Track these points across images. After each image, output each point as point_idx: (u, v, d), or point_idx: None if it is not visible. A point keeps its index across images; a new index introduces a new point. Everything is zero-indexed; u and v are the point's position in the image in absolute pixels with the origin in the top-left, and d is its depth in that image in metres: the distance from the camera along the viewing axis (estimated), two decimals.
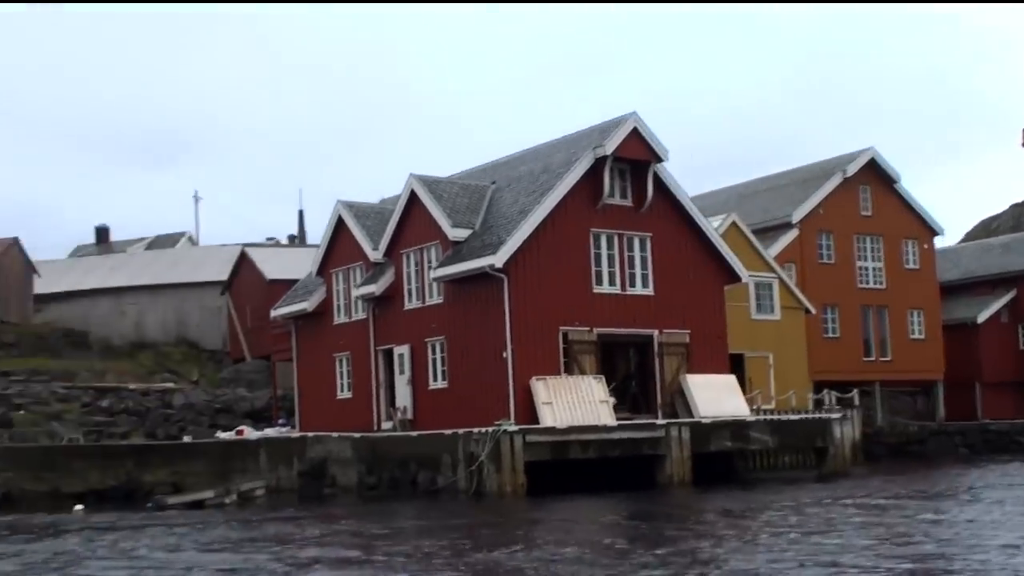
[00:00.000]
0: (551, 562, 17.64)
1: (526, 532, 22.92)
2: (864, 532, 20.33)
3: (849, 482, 34.66)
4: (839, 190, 53.96)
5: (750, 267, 45.62)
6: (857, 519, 23.29)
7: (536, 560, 17.90)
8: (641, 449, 34.11)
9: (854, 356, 53.57)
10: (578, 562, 17.65)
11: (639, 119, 37.07)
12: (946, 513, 23.83)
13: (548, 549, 19.47)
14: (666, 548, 18.77)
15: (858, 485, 33.13)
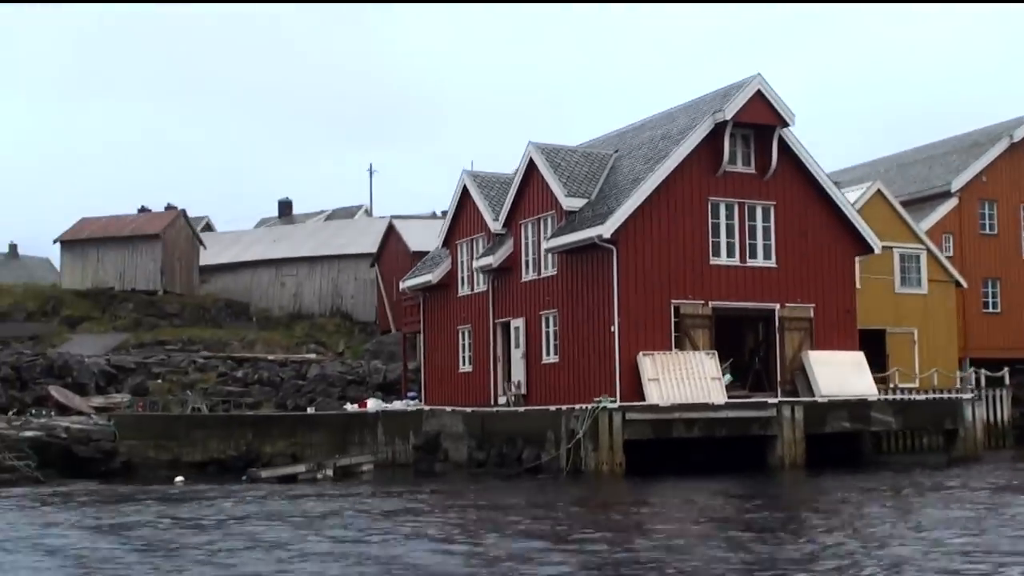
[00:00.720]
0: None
1: (625, 518, 21.24)
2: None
3: (979, 467, 31.64)
4: (1004, 156, 49.90)
5: (896, 238, 42.60)
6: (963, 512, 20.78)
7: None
8: (750, 429, 31.87)
9: (1018, 333, 49.48)
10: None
11: (763, 81, 34.53)
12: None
13: (653, 539, 17.68)
14: (781, 538, 17.12)
15: (986, 472, 30.11)
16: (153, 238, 56.97)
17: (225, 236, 67.17)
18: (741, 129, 35.02)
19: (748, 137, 35.32)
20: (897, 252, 42.77)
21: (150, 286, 56.99)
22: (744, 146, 35.31)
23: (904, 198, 50.50)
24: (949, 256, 47.99)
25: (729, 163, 34.79)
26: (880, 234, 41.47)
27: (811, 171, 35.88)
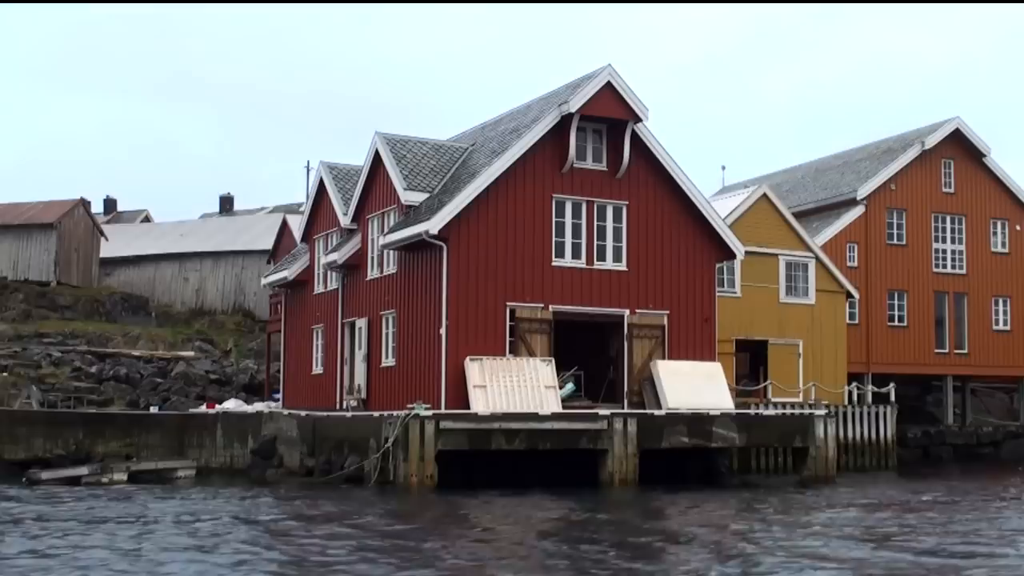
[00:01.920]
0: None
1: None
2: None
3: (820, 490, 28.93)
4: (916, 164, 47.25)
5: (783, 245, 39.99)
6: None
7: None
8: (579, 443, 29.10)
9: (923, 347, 46.77)
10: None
11: (614, 73, 31.90)
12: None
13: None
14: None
15: (813, 498, 27.38)
16: (48, 227, 54.35)
17: (133, 228, 64.54)
18: (592, 123, 32.41)
19: (600, 132, 32.65)
20: (783, 260, 40.11)
21: (43, 277, 54.35)
22: (596, 142, 32.69)
23: (812, 205, 48.02)
24: (853, 266, 45.39)
25: (577, 159, 32.20)
26: (765, 241, 39.01)
27: (669, 170, 33.24)
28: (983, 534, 19.61)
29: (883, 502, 25.92)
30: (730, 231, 34.05)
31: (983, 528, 20.52)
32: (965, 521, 21.76)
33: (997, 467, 40.97)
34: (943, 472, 38.25)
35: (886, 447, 38.78)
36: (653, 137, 32.93)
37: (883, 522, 21.70)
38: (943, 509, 24.30)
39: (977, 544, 18.11)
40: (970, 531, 19.92)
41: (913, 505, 25.53)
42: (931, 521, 21.75)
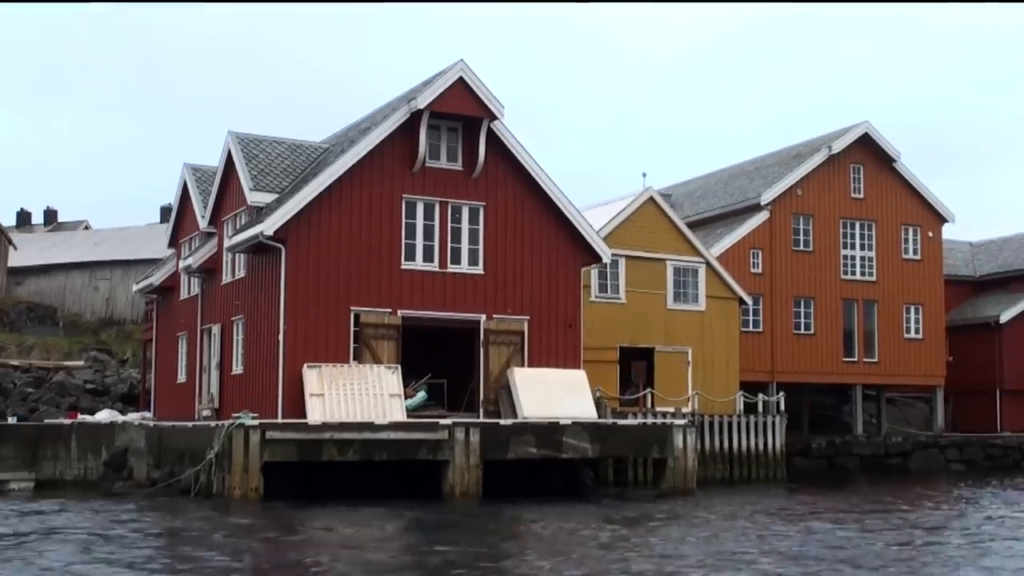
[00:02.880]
0: None
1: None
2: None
3: (672, 503, 27.05)
4: (824, 169, 45.53)
5: (671, 250, 38.18)
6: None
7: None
8: (418, 453, 27.21)
9: (831, 356, 44.98)
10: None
11: (466, 68, 30.13)
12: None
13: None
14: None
15: (654, 512, 25.50)
16: None
17: (46, 237, 62.66)
18: (447, 121, 30.64)
19: (456, 131, 30.84)
20: (671, 265, 38.32)
21: None
22: (451, 140, 30.91)
23: (718, 211, 46.31)
24: (757, 273, 43.64)
25: (431, 158, 30.43)
26: (652, 246, 37.31)
27: (530, 171, 31.45)
28: (704, 553, 17.77)
29: (705, 518, 24.00)
30: (596, 234, 32.25)
31: (719, 548, 18.57)
32: (724, 539, 19.87)
33: (896, 479, 39.10)
34: (835, 485, 36.31)
35: (774, 458, 36.86)
36: (512, 136, 31.18)
37: (647, 536, 19.86)
38: (743, 528, 22.42)
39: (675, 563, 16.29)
40: (709, 552, 17.98)
41: (714, 523, 23.66)
42: (691, 538, 19.92)
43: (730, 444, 36.07)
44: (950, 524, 23.03)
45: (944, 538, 20.32)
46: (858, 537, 20.00)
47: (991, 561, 16.98)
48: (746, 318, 43.48)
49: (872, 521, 23.13)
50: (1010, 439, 46.88)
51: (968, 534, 21.00)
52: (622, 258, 37.33)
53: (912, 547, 18.77)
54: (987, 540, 19.93)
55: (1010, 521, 23.61)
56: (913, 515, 24.59)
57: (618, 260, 37.18)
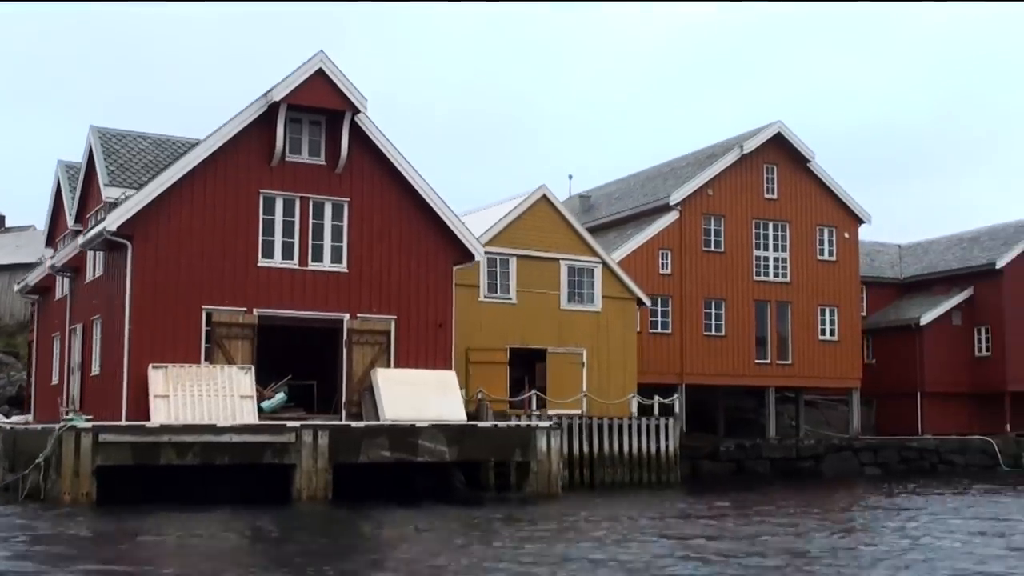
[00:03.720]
0: None
1: None
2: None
3: (533, 508, 25.53)
4: (736, 170, 44.11)
5: (565, 249, 36.69)
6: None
7: None
8: (263, 457, 25.69)
9: (743, 358, 43.53)
10: None
11: (327, 59, 28.73)
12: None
13: None
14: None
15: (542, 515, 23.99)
16: None
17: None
18: (309, 115, 29.17)
19: (320, 124, 29.36)
20: (565, 265, 36.85)
21: None
22: (315, 134, 29.42)
23: (630, 212, 44.89)
24: (666, 274, 42.20)
25: (292, 152, 28.96)
26: (544, 244, 35.90)
27: (397, 166, 29.98)
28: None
29: (549, 523, 22.51)
30: (468, 231, 30.76)
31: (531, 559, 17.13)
32: (554, 544, 18.40)
33: (806, 483, 37.67)
34: (735, 488, 34.75)
35: (667, 461, 35.36)
36: (378, 130, 29.71)
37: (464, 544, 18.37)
38: (578, 533, 20.93)
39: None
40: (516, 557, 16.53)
41: (552, 529, 22.15)
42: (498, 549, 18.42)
43: (620, 447, 34.55)
44: (810, 534, 21.51)
45: (785, 550, 18.79)
46: (699, 544, 18.50)
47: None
48: (655, 319, 42.12)
49: (733, 527, 21.64)
50: (927, 441, 45.48)
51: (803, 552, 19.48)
52: (513, 257, 35.92)
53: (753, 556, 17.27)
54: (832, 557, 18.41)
55: (889, 537, 22.15)
56: (783, 521, 23.10)
57: (509, 259, 35.81)
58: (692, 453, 40.00)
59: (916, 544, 18.68)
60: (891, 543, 18.93)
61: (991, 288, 48.90)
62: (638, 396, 36.68)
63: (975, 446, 46.16)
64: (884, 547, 18.43)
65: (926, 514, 24.92)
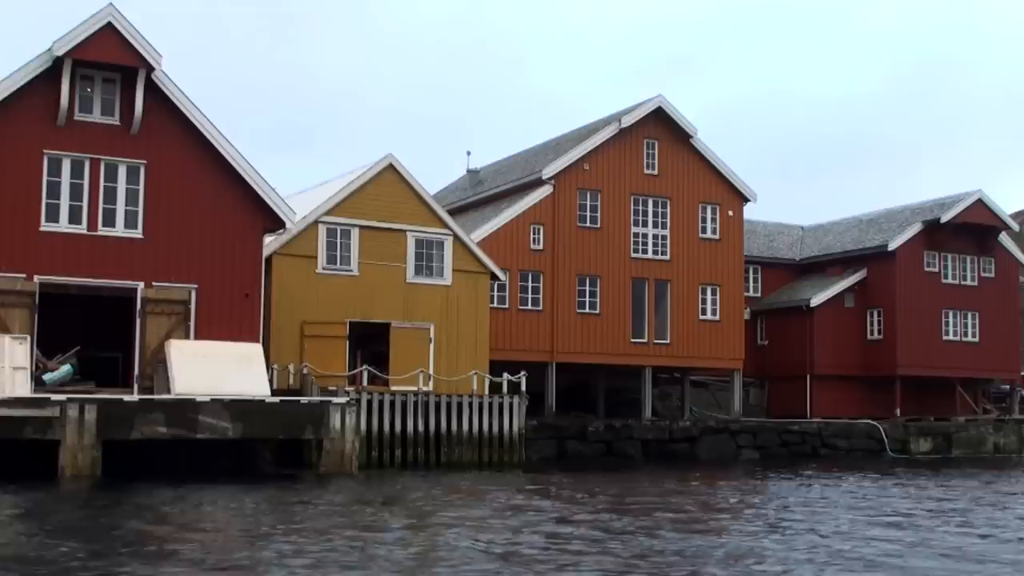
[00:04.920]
0: None
1: None
2: None
3: (322, 487, 23.30)
4: (615, 144, 41.81)
5: (413, 220, 34.44)
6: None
7: None
8: (23, 432, 23.42)
9: (618, 336, 41.32)
10: None
11: (117, 13, 26.45)
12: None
13: None
14: None
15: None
16: None
17: None
18: (102, 72, 26.80)
19: (114, 82, 27.00)
20: (412, 236, 34.56)
21: None
22: (108, 92, 27.03)
23: (507, 186, 42.69)
24: (538, 249, 39.97)
25: (82, 112, 26.65)
26: (391, 215, 33.66)
27: (200, 128, 27.62)
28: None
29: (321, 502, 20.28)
30: (279, 197, 28.48)
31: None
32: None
33: (675, 466, 35.57)
34: (585, 470, 32.65)
35: (511, 441, 33.15)
36: (179, 90, 27.41)
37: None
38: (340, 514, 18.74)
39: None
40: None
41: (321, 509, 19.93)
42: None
43: (459, 426, 32.30)
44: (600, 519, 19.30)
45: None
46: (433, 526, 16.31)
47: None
48: (524, 296, 39.92)
49: (500, 508, 19.44)
50: (809, 425, 43.34)
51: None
52: (356, 228, 33.65)
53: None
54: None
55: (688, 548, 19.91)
56: (580, 507, 20.92)
57: (351, 230, 33.55)
58: (560, 433, 37.90)
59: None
60: (628, 541, 16.73)
61: (884, 271, 46.80)
62: (487, 374, 34.41)
63: (861, 430, 44.09)
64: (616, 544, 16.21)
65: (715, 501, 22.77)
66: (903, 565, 13.65)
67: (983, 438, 46.94)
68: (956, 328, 47.45)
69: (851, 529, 17.49)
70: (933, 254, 47.08)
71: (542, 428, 37.57)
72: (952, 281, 47.40)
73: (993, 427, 47.78)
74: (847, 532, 17.04)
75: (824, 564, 13.59)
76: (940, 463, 40.17)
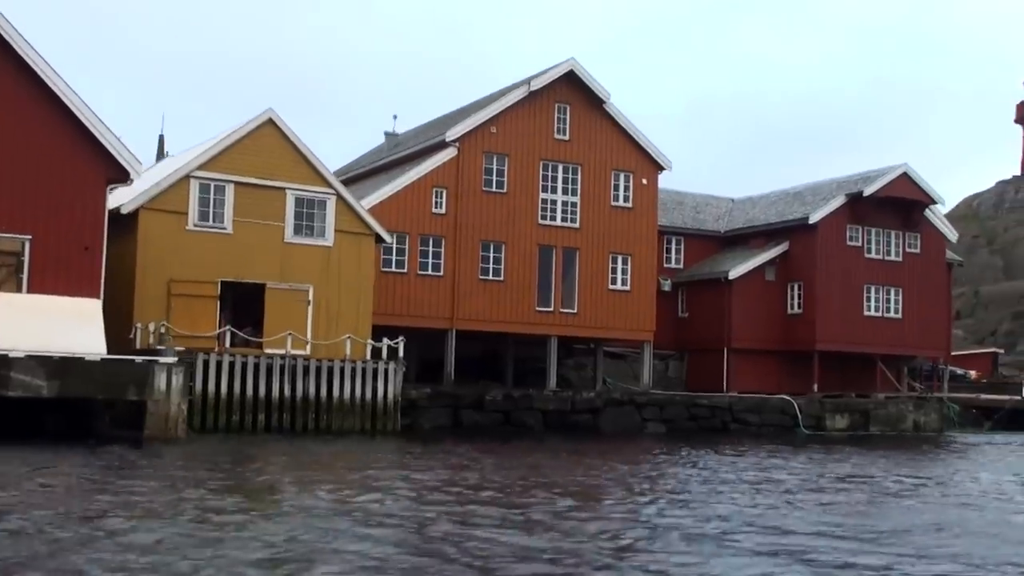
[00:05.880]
0: None
1: None
2: None
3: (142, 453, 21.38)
4: (525, 107, 39.78)
5: (293, 178, 32.47)
6: None
7: None
8: None
9: (523, 305, 39.39)
10: None
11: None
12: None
13: None
14: None
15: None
16: None
17: None
18: None
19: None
20: (292, 195, 32.56)
21: None
22: None
23: (413, 149, 40.65)
24: (440, 213, 38.00)
25: None
26: (270, 172, 31.78)
27: (39, 72, 25.56)
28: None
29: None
30: (122, 144, 26.45)
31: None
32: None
33: (572, 439, 33.81)
34: (469, 440, 30.78)
35: (385, 408, 31.26)
36: (17, 33, 25.39)
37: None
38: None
39: None
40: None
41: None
42: None
43: (328, 391, 30.42)
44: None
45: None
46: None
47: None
48: (424, 260, 38.00)
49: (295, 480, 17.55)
50: (720, 399, 41.45)
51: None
52: (230, 184, 31.67)
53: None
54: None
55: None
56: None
57: (225, 186, 31.58)
58: (456, 402, 36.04)
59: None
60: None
61: (805, 244, 44.88)
62: (369, 339, 32.47)
63: (774, 406, 42.24)
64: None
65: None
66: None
67: (903, 416, 45.17)
68: (878, 303, 45.55)
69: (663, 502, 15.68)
70: (856, 228, 45.13)
71: (437, 396, 35.74)
72: (875, 256, 45.48)
73: (914, 405, 46.00)
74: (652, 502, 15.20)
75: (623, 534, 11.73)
76: (854, 440, 38.38)
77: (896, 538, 12.74)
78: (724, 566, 10.61)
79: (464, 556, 10.54)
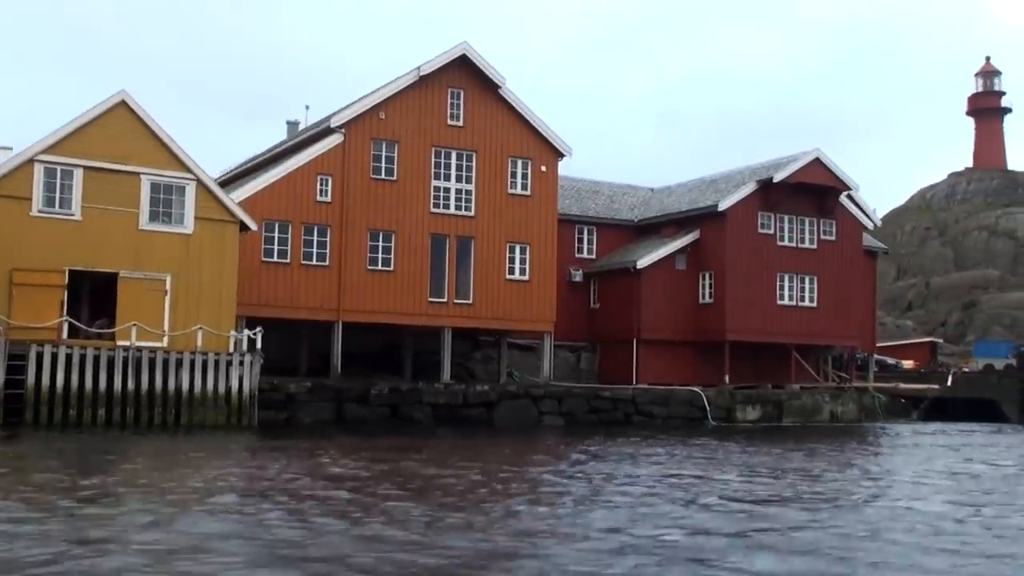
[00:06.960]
0: None
1: None
2: None
3: None
4: (416, 92, 37.61)
5: (148, 162, 30.26)
6: None
7: None
8: None
9: (414, 295, 37.21)
10: None
11: None
12: None
13: None
14: None
15: None
16: None
17: None
18: None
19: None
20: (147, 180, 30.33)
21: None
22: None
23: (302, 137, 38.44)
24: (325, 201, 35.83)
25: None
26: (123, 156, 29.53)
27: None
28: None
29: None
30: None
31: None
32: None
33: (462, 433, 31.68)
34: (321, 435, 28.64)
35: (240, 402, 29.06)
36: None
37: None
38: None
39: None
40: None
41: None
42: None
43: (176, 385, 28.20)
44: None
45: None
46: None
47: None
48: (309, 250, 35.82)
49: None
50: (623, 391, 39.31)
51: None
52: (79, 168, 29.44)
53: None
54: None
55: None
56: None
57: (73, 170, 29.36)
58: (339, 396, 33.92)
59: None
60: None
61: (715, 232, 42.71)
62: (232, 331, 30.22)
63: (681, 397, 40.17)
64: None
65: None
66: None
67: (818, 406, 43.13)
68: (792, 292, 43.38)
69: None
70: (768, 215, 42.97)
71: (318, 389, 33.67)
72: (788, 244, 43.32)
73: (830, 395, 43.92)
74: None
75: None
76: (766, 432, 36.25)
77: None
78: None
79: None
